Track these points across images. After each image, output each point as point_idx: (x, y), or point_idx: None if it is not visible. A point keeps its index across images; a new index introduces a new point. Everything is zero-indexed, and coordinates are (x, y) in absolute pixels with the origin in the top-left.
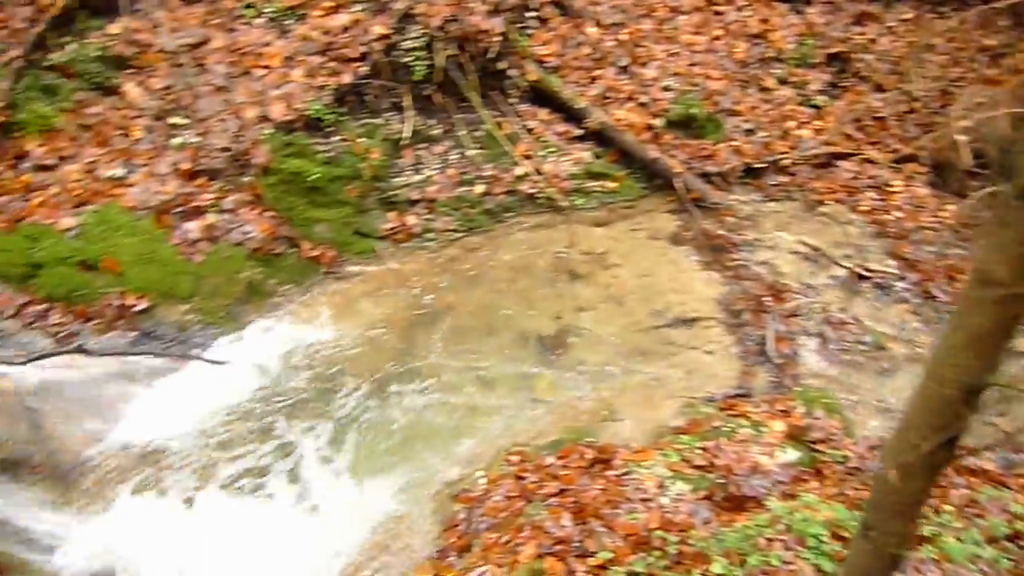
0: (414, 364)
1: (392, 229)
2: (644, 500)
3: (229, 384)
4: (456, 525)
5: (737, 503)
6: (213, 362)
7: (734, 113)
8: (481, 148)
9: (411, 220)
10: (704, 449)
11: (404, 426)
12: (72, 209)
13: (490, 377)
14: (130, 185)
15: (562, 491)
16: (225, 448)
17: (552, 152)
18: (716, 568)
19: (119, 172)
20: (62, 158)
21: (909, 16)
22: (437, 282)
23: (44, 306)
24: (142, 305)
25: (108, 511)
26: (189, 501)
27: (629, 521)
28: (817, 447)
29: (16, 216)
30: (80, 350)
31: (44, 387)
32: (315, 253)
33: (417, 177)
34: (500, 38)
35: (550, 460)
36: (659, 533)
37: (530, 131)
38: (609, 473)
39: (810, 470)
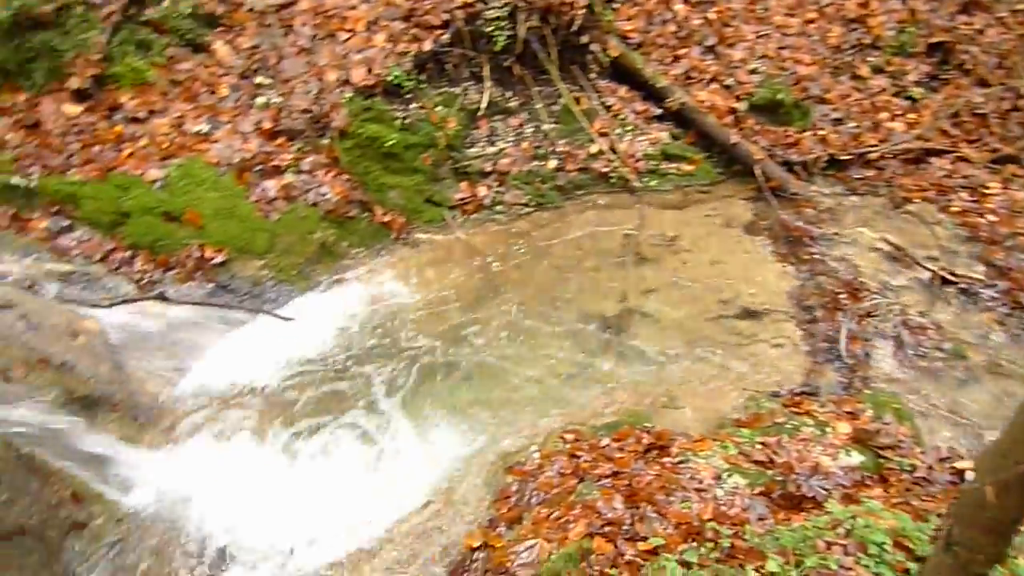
0: (476, 335)
1: (463, 199)
2: (699, 490)
3: (298, 340)
4: (508, 496)
5: (795, 502)
6: (283, 318)
7: (823, 101)
8: (557, 123)
9: (482, 192)
10: (764, 444)
11: (460, 394)
12: (159, 161)
13: (550, 354)
14: (214, 141)
15: (616, 473)
16: (291, 398)
17: (629, 131)
18: (771, 566)
19: (205, 128)
20: (152, 111)
21: (1022, 7)
22: (504, 255)
23: (129, 253)
24: (220, 258)
25: (181, 451)
26: (257, 444)
27: (682, 510)
28: (884, 453)
29: (108, 165)
30: (161, 297)
31: (126, 330)
32: (386, 219)
33: (491, 149)
34: (584, 11)
35: (606, 441)
36: (712, 525)
37: (608, 108)
38: (665, 460)
39: (874, 476)
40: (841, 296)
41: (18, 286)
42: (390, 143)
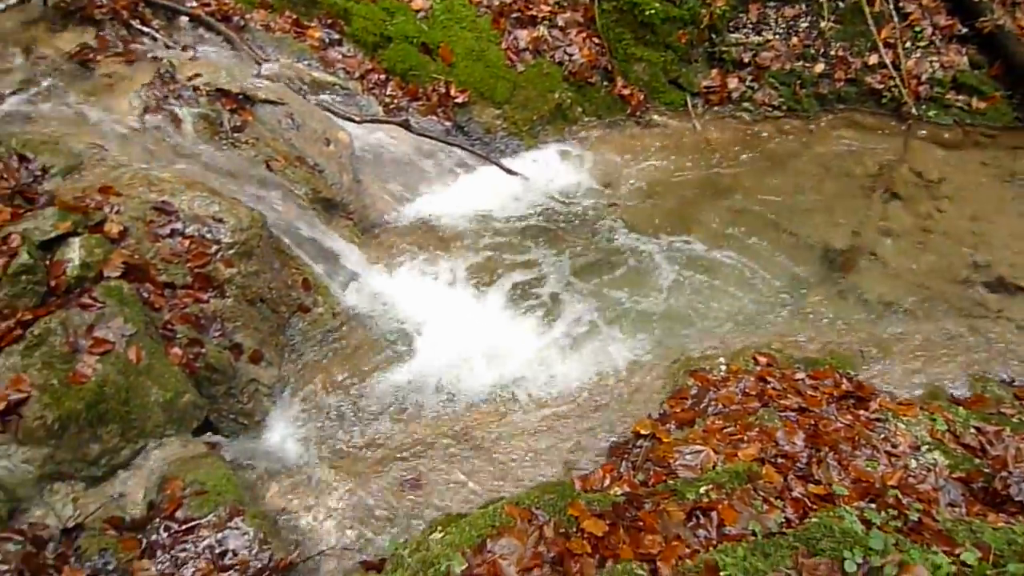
0: (687, 233)
1: (709, 88)
2: (890, 454)
3: (515, 194)
4: (684, 397)
5: (997, 500)
6: (509, 171)
7: None
8: (838, 22)
9: (733, 83)
10: (980, 431)
11: (661, 287)
12: None
13: (763, 271)
14: None
15: (803, 410)
16: (503, 245)
17: (921, 46)
18: (967, 558)
19: None
20: None
21: None
22: (739, 156)
23: (384, 76)
24: (461, 99)
25: (395, 267)
26: (463, 279)
27: (865, 467)
28: None
29: None
30: (405, 125)
31: (370, 148)
32: (626, 92)
33: (755, 38)
34: None
35: (800, 376)
36: (895, 492)
37: (905, 15)
38: (860, 412)
39: None
40: None
41: (290, 87)
42: (650, 12)
